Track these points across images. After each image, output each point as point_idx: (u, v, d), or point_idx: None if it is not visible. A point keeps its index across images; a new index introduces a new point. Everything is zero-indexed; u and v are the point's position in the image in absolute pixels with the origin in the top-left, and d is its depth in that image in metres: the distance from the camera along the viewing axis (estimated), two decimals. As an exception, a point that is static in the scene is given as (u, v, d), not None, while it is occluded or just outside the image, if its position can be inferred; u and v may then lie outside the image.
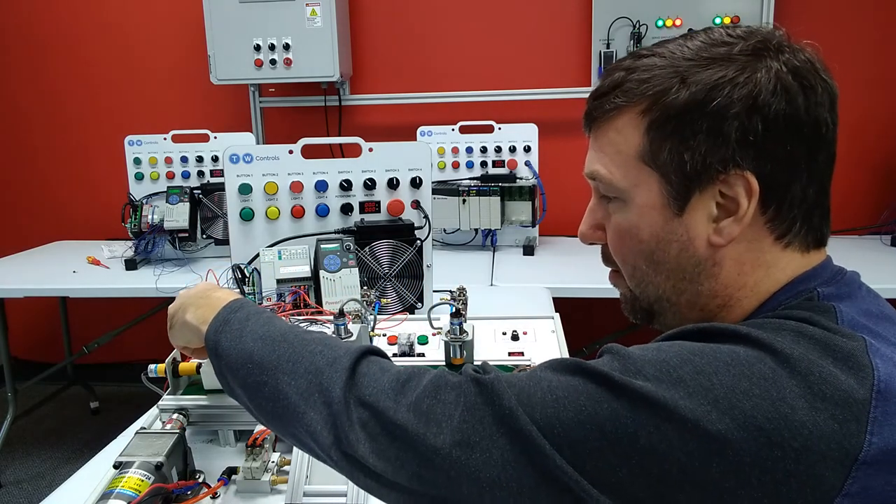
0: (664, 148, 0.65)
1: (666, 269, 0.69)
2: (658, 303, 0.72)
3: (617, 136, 0.68)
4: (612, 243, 0.74)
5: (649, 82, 0.66)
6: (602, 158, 0.70)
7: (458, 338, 1.05)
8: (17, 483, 2.84)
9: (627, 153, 0.68)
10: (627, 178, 0.68)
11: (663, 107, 0.64)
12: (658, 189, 0.67)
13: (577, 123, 0.74)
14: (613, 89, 0.68)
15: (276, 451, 0.95)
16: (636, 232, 0.70)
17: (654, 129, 0.65)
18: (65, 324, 3.28)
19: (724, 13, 2.85)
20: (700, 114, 0.63)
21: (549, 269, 2.51)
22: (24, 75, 3.40)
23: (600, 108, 0.70)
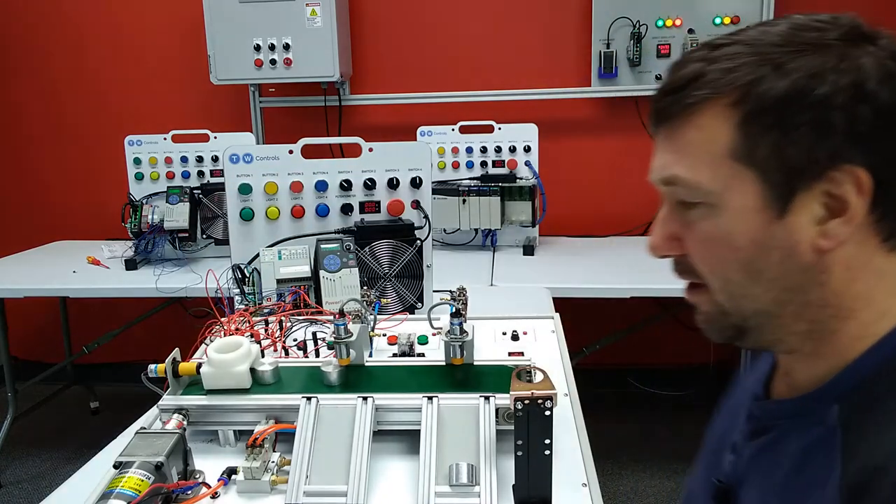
0: (762, 143, 0.59)
1: (766, 280, 0.62)
2: (755, 317, 0.65)
3: (700, 133, 0.62)
4: (698, 254, 0.66)
5: (737, 71, 0.59)
6: (683, 160, 0.63)
7: (458, 338, 1.05)
8: (17, 483, 2.84)
9: (716, 152, 0.61)
10: (717, 179, 0.61)
11: (758, 97, 0.58)
12: (756, 189, 0.60)
13: (577, 123, 0.72)
14: (692, 81, 0.62)
15: (276, 451, 0.95)
16: (731, 239, 0.62)
17: (750, 123, 0.59)
18: (65, 324, 3.28)
19: (724, 13, 2.85)
20: (802, 104, 0.57)
21: (549, 269, 2.51)
22: (24, 75, 3.40)
23: (676, 105, 0.63)
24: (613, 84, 2.97)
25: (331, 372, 1.03)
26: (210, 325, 1.27)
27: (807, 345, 0.65)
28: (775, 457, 0.68)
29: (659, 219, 0.68)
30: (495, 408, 0.95)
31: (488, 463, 0.87)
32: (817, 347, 0.65)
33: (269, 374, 1.04)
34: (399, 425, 0.98)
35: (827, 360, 0.65)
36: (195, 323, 1.34)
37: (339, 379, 1.03)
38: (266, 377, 1.03)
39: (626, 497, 2.60)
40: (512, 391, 0.78)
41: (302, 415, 0.95)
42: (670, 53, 2.91)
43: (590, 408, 1.14)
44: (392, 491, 0.90)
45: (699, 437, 0.87)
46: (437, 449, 0.89)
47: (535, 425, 0.78)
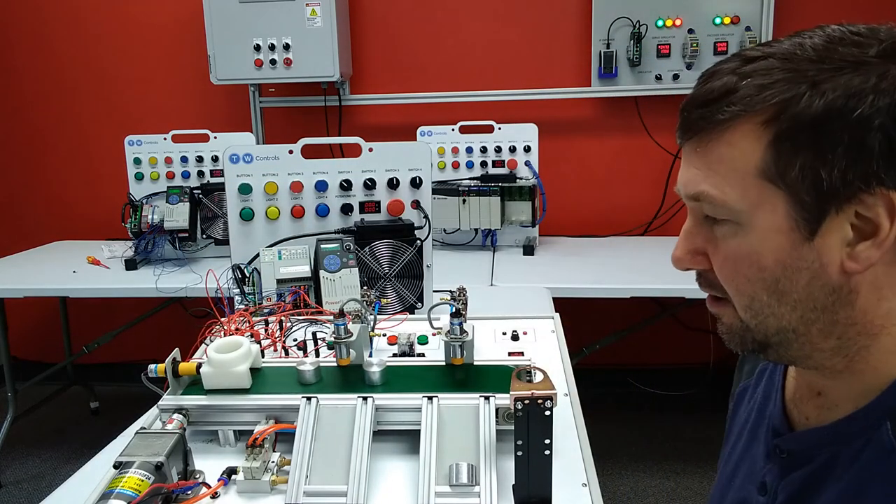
0: (794, 164, 0.57)
1: (792, 300, 0.61)
2: (779, 335, 0.64)
3: (731, 150, 0.60)
4: (722, 271, 0.65)
5: (771, 88, 0.57)
6: (711, 177, 0.62)
7: (458, 338, 1.05)
8: (17, 483, 2.84)
9: (745, 170, 0.59)
10: (746, 198, 0.60)
11: (793, 117, 0.57)
12: (785, 210, 0.59)
13: (577, 123, 0.72)
14: (724, 96, 0.60)
15: (276, 451, 0.95)
16: (757, 259, 0.61)
17: (782, 143, 0.57)
18: (65, 324, 3.28)
19: (724, 13, 2.85)
20: (839, 125, 0.55)
21: (549, 269, 2.51)
22: (24, 76, 3.40)
23: (708, 119, 0.61)
24: (613, 84, 2.97)
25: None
26: (210, 325, 1.27)
27: (837, 361, 0.64)
28: (822, 489, 0.65)
29: (684, 231, 0.67)
30: (495, 408, 0.95)
31: (488, 463, 0.87)
32: (850, 364, 0.64)
33: (311, 374, 1.03)
34: (399, 425, 0.98)
35: (864, 377, 0.63)
36: (195, 323, 1.34)
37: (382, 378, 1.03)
38: (308, 377, 1.03)
39: (626, 497, 2.60)
40: (512, 391, 0.78)
41: (302, 415, 0.95)
42: (670, 53, 2.91)
43: (590, 408, 1.14)
44: (392, 491, 0.90)
45: (699, 437, 0.87)
46: (437, 449, 0.89)
47: (535, 425, 0.78)
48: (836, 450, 0.65)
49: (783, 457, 0.71)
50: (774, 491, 0.71)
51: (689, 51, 2.85)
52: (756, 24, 2.84)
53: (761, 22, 2.83)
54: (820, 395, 0.70)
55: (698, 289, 0.70)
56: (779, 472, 0.71)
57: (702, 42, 2.86)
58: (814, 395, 0.71)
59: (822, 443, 0.67)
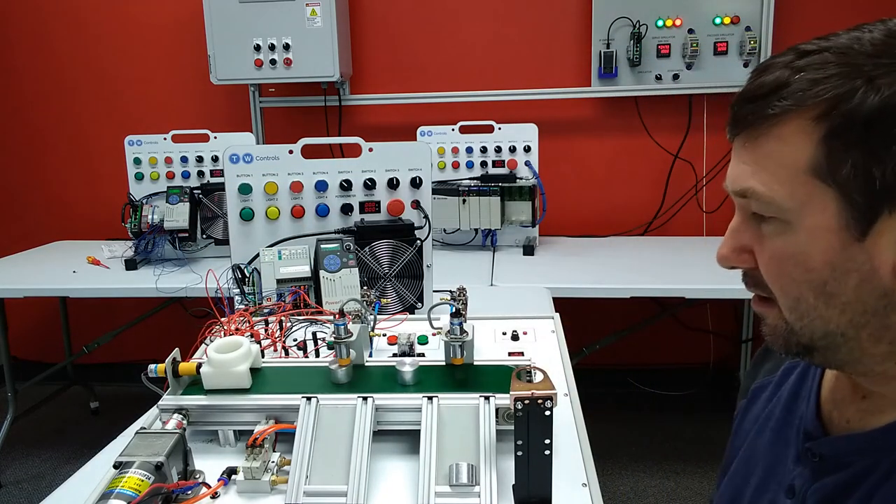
0: (846, 161, 0.55)
1: (841, 303, 0.59)
2: (827, 338, 0.61)
3: (781, 146, 0.58)
4: (768, 271, 0.63)
5: (825, 83, 0.55)
6: (760, 173, 0.60)
7: (458, 338, 1.05)
8: (17, 483, 2.85)
9: (795, 167, 0.58)
10: (795, 196, 0.58)
11: (846, 113, 0.55)
12: (835, 209, 0.57)
13: (577, 123, 0.71)
14: (775, 91, 0.58)
15: (276, 451, 0.95)
16: (804, 259, 0.59)
17: (834, 139, 0.55)
18: (65, 324, 3.28)
19: (724, 13, 2.85)
20: (894, 123, 0.53)
21: (549, 269, 2.51)
22: (24, 76, 3.40)
23: (758, 113, 0.59)
24: (613, 84, 2.97)
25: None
26: (210, 325, 1.27)
27: (889, 367, 0.62)
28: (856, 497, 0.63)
29: (731, 229, 0.65)
30: (495, 408, 0.95)
31: (488, 463, 0.87)
32: None
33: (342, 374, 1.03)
34: (399, 425, 0.98)
35: None
36: (195, 323, 1.34)
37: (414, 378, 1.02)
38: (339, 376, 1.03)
39: (626, 497, 2.60)
40: (512, 391, 0.78)
41: (302, 415, 0.95)
42: (670, 53, 2.91)
43: (590, 408, 1.14)
44: (392, 491, 0.90)
45: (699, 437, 0.87)
46: (437, 449, 0.89)
47: (535, 425, 0.78)
48: (874, 458, 0.63)
49: (815, 461, 0.69)
50: (803, 495, 0.69)
51: (689, 51, 2.85)
52: (756, 24, 2.84)
53: (761, 22, 2.84)
54: (865, 398, 0.68)
55: (698, 289, 0.70)
56: (810, 475, 0.69)
57: (702, 42, 2.86)
58: (858, 398, 0.69)
59: (861, 450, 0.65)
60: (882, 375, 0.63)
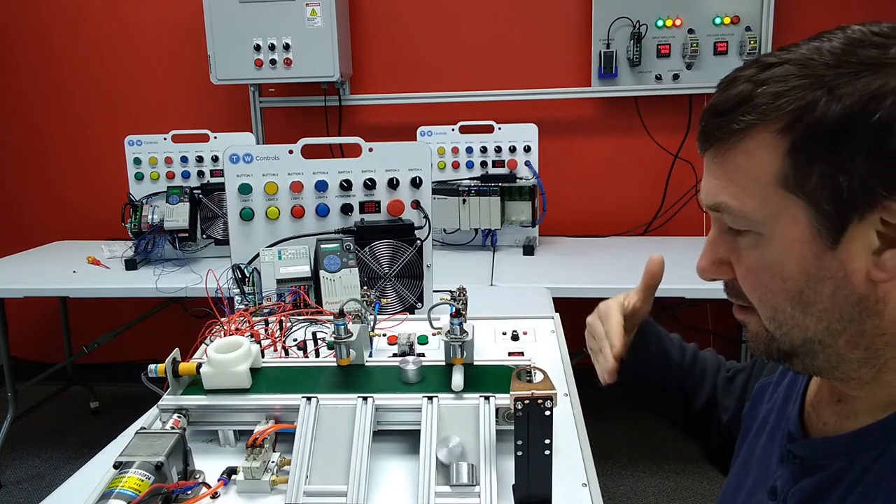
0: (812, 172, 0.56)
1: (818, 311, 0.60)
2: (805, 346, 0.62)
3: (748, 160, 0.59)
4: (746, 282, 0.64)
5: (787, 95, 0.56)
6: (730, 188, 0.60)
7: (458, 338, 1.05)
8: (17, 483, 2.85)
9: (764, 180, 0.58)
10: (765, 208, 0.59)
11: (809, 124, 0.55)
12: (806, 219, 0.57)
13: (577, 123, 0.71)
14: (739, 105, 0.59)
15: (276, 451, 0.95)
16: (779, 269, 0.60)
17: (799, 151, 0.56)
18: (65, 324, 3.28)
19: (724, 13, 2.85)
20: (858, 130, 0.53)
21: (549, 269, 2.51)
22: (24, 77, 3.40)
23: (724, 128, 0.60)
24: (613, 84, 2.97)
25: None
26: (210, 325, 1.27)
27: (864, 372, 0.63)
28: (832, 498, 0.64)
29: (708, 241, 0.67)
30: (495, 408, 0.95)
31: (488, 463, 0.87)
32: (878, 375, 0.62)
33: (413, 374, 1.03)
34: (399, 425, 0.98)
35: (890, 389, 0.62)
36: (195, 323, 1.34)
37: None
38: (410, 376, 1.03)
39: (626, 497, 2.60)
40: (512, 391, 0.78)
41: (302, 415, 0.95)
42: (670, 53, 2.91)
43: (590, 408, 1.14)
44: (392, 491, 0.90)
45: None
46: (437, 449, 0.89)
47: (535, 425, 0.78)
48: (849, 460, 0.64)
49: (796, 462, 0.70)
50: (784, 497, 0.70)
51: (689, 51, 2.85)
52: (756, 24, 2.84)
53: (761, 22, 2.84)
54: (840, 401, 0.69)
55: (698, 289, 0.70)
56: (790, 477, 0.70)
57: (702, 42, 2.86)
58: (834, 402, 0.70)
59: (836, 452, 0.66)
60: (858, 381, 0.64)
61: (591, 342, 1.01)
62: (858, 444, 0.64)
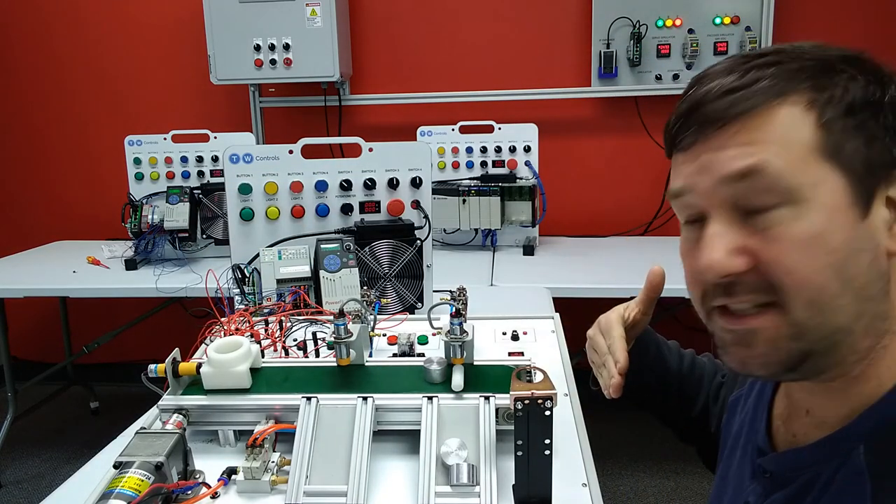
0: (848, 140, 0.57)
1: (855, 287, 0.58)
2: (834, 335, 0.59)
3: (782, 128, 0.58)
4: (787, 261, 0.57)
5: (810, 70, 0.58)
6: (764, 151, 0.57)
7: (458, 338, 1.05)
8: (17, 483, 2.84)
9: (801, 146, 0.57)
10: (806, 174, 0.57)
11: (840, 96, 0.57)
12: (843, 188, 0.57)
13: (577, 123, 0.71)
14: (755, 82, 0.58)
15: (276, 451, 0.95)
16: (826, 240, 0.57)
17: (834, 120, 0.57)
18: (65, 324, 3.28)
19: (724, 13, 2.85)
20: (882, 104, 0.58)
21: (549, 269, 2.51)
22: (24, 77, 3.40)
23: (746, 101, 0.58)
24: (613, 84, 2.97)
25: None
26: (210, 325, 1.27)
27: (858, 367, 0.61)
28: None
29: (713, 235, 0.60)
30: (495, 408, 0.95)
31: (488, 463, 0.87)
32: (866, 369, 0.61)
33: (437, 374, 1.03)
34: (399, 425, 0.98)
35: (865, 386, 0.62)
36: (195, 323, 1.34)
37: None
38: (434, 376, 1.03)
39: (626, 497, 2.60)
40: (512, 391, 0.78)
41: (302, 415, 0.95)
42: (670, 53, 2.91)
43: (590, 408, 1.14)
44: (392, 491, 0.90)
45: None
46: (438, 449, 0.89)
47: (535, 425, 0.78)
48: (815, 472, 0.63)
49: (766, 477, 0.70)
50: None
51: (689, 51, 2.85)
52: (756, 24, 2.84)
53: (761, 22, 2.84)
54: (808, 413, 0.68)
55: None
56: (761, 491, 0.70)
57: (702, 42, 2.86)
58: (802, 414, 0.69)
59: (801, 464, 0.65)
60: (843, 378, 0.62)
61: (592, 356, 1.00)
62: (822, 455, 0.63)
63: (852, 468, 0.59)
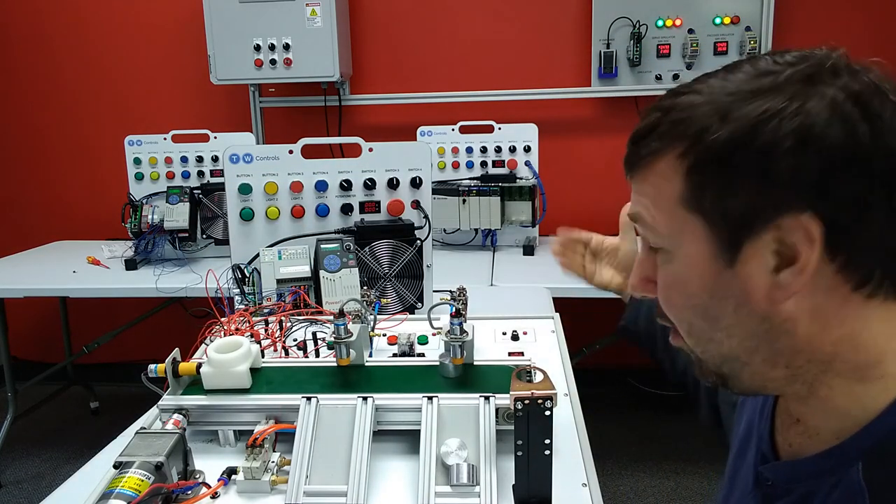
0: (707, 193, 0.58)
1: (725, 326, 0.61)
2: (727, 363, 0.63)
3: (657, 180, 0.62)
4: (661, 299, 0.66)
5: (686, 123, 0.59)
6: (643, 202, 0.64)
7: (458, 338, 1.05)
8: (17, 483, 2.85)
9: (669, 199, 0.61)
10: (671, 225, 0.62)
11: (703, 148, 0.58)
12: (705, 238, 0.59)
13: (577, 123, 0.72)
14: (650, 133, 0.62)
15: (276, 451, 0.95)
16: (685, 286, 0.62)
17: (695, 173, 0.58)
18: (65, 324, 3.28)
19: (724, 13, 2.85)
20: (744, 153, 0.55)
21: (549, 269, 2.50)
22: (24, 77, 3.40)
23: (637, 154, 0.64)
24: (613, 84, 2.97)
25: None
26: (210, 325, 1.27)
27: (797, 388, 0.62)
28: None
29: (637, 260, 0.70)
30: (495, 408, 0.95)
31: (488, 463, 0.87)
32: (813, 389, 0.62)
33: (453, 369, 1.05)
34: (399, 425, 0.98)
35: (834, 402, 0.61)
36: (195, 323, 1.34)
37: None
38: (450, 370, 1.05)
39: (626, 497, 2.60)
40: (512, 391, 0.78)
41: (302, 415, 0.95)
42: (670, 53, 2.91)
43: (590, 408, 1.14)
44: (392, 491, 0.90)
45: (699, 436, 0.87)
46: (437, 449, 0.89)
47: (535, 425, 0.78)
48: (811, 486, 0.63)
49: (767, 484, 0.69)
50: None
51: (689, 51, 2.85)
52: (756, 24, 2.84)
53: (761, 22, 2.84)
54: (799, 421, 0.68)
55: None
56: (762, 499, 0.70)
57: (702, 42, 2.86)
58: (793, 422, 0.69)
59: (799, 477, 0.65)
60: (796, 395, 0.64)
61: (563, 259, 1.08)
62: (818, 470, 0.63)
63: (851, 485, 0.59)
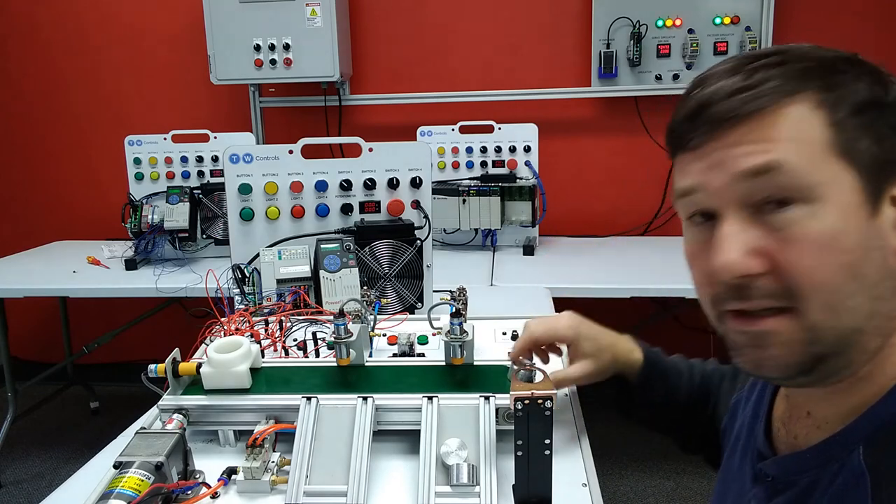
0: (859, 138, 0.57)
1: (868, 286, 0.57)
2: (848, 337, 0.58)
3: (795, 125, 0.57)
4: (803, 262, 0.56)
5: (816, 71, 0.58)
6: (780, 147, 0.57)
7: (458, 338, 1.05)
8: (17, 483, 2.84)
9: (816, 143, 0.57)
10: (822, 172, 0.56)
11: (848, 95, 0.57)
12: (855, 186, 0.57)
13: (577, 123, 0.71)
14: (765, 81, 0.58)
15: (276, 451, 0.95)
16: (840, 240, 0.56)
17: (845, 119, 0.57)
18: (65, 324, 3.28)
19: (724, 13, 2.85)
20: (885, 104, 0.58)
21: (549, 269, 2.51)
22: (24, 76, 3.40)
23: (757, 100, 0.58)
24: (613, 84, 2.97)
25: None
26: (210, 325, 1.27)
27: (866, 368, 0.61)
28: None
29: (728, 234, 0.59)
30: (495, 408, 0.95)
31: (488, 463, 0.87)
32: (873, 369, 0.61)
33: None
34: (399, 425, 0.98)
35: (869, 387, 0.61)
36: (195, 323, 1.34)
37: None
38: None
39: (626, 497, 2.60)
40: (512, 391, 0.78)
41: (302, 415, 0.95)
42: (670, 53, 2.91)
43: (590, 408, 1.14)
44: (392, 491, 0.90)
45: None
46: (437, 449, 0.89)
47: (535, 425, 0.78)
48: (816, 475, 0.63)
49: (768, 481, 0.69)
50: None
51: (689, 51, 2.85)
52: (756, 24, 2.84)
53: (761, 22, 2.83)
54: (809, 414, 0.68)
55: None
56: (764, 496, 0.69)
57: (702, 42, 2.86)
58: (803, 415, 0.69)
59: (802, 468, 0.64)
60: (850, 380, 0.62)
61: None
62: (823, 458, 0.62)
63: (852, 469, 0.59)
